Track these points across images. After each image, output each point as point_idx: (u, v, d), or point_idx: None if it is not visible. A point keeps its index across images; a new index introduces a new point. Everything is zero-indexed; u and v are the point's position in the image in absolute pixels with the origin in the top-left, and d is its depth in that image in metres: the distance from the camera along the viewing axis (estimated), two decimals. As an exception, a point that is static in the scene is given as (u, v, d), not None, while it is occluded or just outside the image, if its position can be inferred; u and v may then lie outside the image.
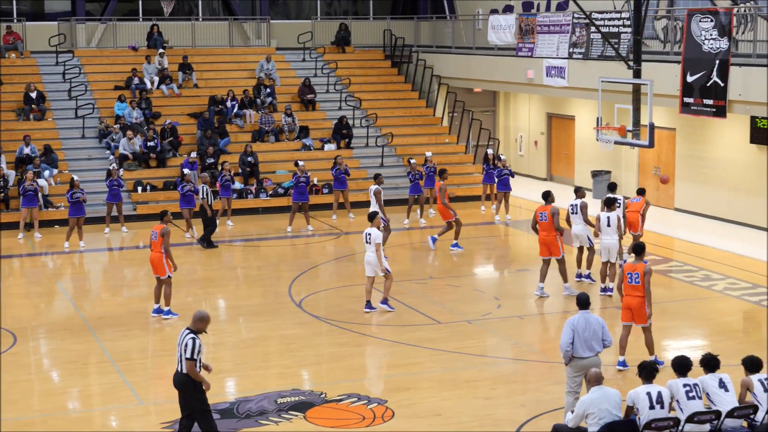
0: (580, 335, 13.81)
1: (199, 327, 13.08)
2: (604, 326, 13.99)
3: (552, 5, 36.08)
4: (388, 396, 15.50)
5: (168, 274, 19.90)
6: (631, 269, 16.51)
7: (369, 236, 20.08)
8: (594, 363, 13.74)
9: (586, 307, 14.12)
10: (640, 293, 16.47)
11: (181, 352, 12.88)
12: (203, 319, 13.11)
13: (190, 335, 12.94)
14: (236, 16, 40.67)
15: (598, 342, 13.89)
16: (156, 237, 19.88)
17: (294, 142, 34.52)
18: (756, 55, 25.09)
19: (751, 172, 27.84)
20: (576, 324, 13.87)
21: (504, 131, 39.69)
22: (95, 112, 34.07)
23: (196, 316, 13.14)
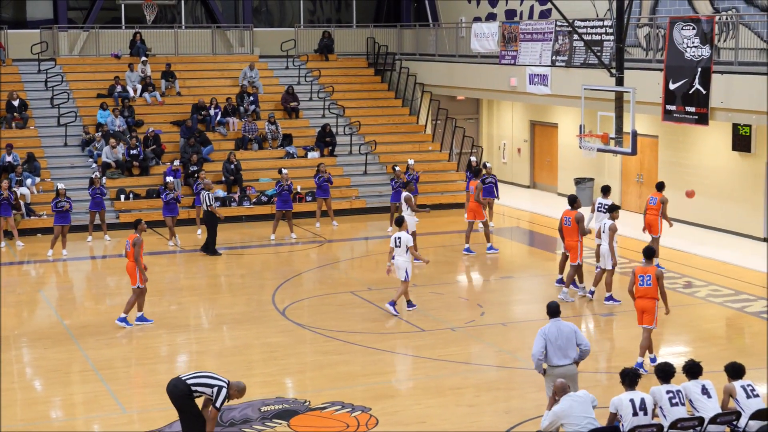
0: (553, 343, 13.75)
1: (232, 395, 13.15)
2: (577, 332, 13.89)
3: (535, 13, 36.17)
4: (371, 404, 15.49)
5: (138, 284, 19.85)
6: (643, 272, 16.86)
7: (399, 240, 20.48)
8: (570, 371, 13.77)
9: (556, 315, 14.04)
10: (652, 295, 16.84)
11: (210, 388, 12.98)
12: (240, 389, 13.22)
13: (225, 389, 13.02)
14: (219, 24, 40.65)
15: (572, 348, 13.84)
16: (129, 246, 19.90)
17: (277, 149, 34.50)
18: (738, 63, 25.19)
19: (733, 179, 27.95)
20: (548, 333, 13.79)
21: (487, 139, 39.75)
22: (78, 120, 33.98)
23: (236, 385, 13.22)
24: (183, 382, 13.09)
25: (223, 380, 13.11)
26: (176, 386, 13.10)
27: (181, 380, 13.13)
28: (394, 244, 20.57)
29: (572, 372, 13.77)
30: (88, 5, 40.31)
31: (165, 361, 18.42)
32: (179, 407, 13.20)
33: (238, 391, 13.18)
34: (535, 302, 22.50)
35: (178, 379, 13.19)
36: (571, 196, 21.70)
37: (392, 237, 20.73)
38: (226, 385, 13.04)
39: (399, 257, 20.52)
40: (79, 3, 40.87)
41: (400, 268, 20.52)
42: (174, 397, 13.14)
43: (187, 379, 13.13)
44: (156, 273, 25.28)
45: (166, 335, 19.76)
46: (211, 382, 13.03)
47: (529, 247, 27.76)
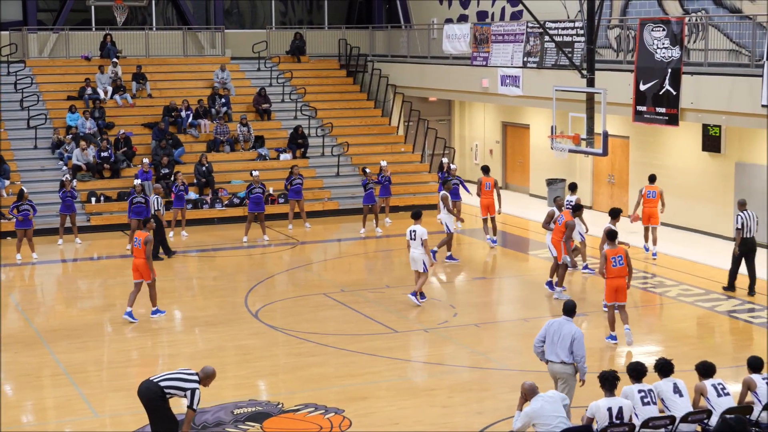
0: (550, 338, 14.04)
1: (204, 382, 13.18)
2: (576, 339, 13.88)
3: (506, 15, 36.26)
4: (345, 405, 15.48)
5: (153, 278, 20.71)
6: (614, 253, 18.22)
7: (414, 233, 21.05)
8: (557, 370, 13.92)
9: (567, 315, 14.27)
10: (625, 273, 18.27)
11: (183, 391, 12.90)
12: (209, 375, 13.24)
13: (198, 389, 12.97)
14: (190, 26, 40.54)
15: (564, 351, 13.91)
16: (139, 244, 20.48)
17: (249, 151, 34.44)
18: (707, 64, 25.34)
19: (703, 179, 28.10)
20: (550, 326, 14.12)
21: (459, 140, 39.81)
22: (48, 123, 33.81)
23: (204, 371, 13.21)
24: (155, 384, 13.00)
25: (196, 379, 13.01)
26: (148, 388, 13.01)
27: (153, 382, 13.03)
28: (409, 237, 21.21)
29: (561, 371, 13.91)
30: (57, 7, 40.13)
31: (137, 365, 18.35)
32: (151, 409, 13.08)
33: (208, 377, 13.16)
34: (508, 303, 22.60)
35: (150, 381, 13.09)
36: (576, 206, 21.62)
37: (408, 230, 21.32)
38: (198, 385, 12.97)
39: (415, 250, 21.14)
40: (48, 4, 40.67)
41: (417, 260, 21.17)
42: (146, 400, 13.04)
43: (159, 380, 13.03)
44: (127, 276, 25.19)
45: (138, 338, 19.69)
46: (183, 385, 12.92)
47: (501, 248, 27.81)
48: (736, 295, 21.95)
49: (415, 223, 21.29)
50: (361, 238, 29.29)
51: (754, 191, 26.57)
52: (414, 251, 21.20)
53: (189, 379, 13.01)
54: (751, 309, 20.99)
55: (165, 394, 12.96)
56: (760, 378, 13.23)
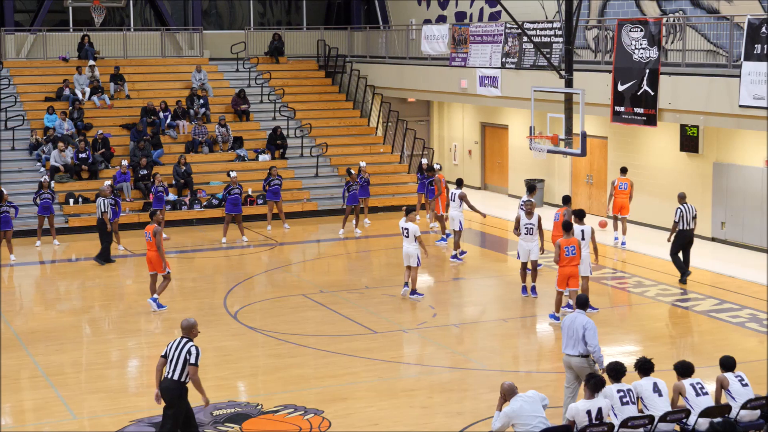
0: (566, 331, 14.30)
1: (192, 333, 13.48)
2: (588, 330, 14.06)
3: (485, 15, 36.32)
4: (324, 406, 15.48)
5: (167, 270, 21.22)
6: (567, 243, 19.29)
7: (407, 231, 21.72)
8: (574, 363, 14.13)
9: (581, 308, 14.53)
10: (577, 262, 19.33)
11: (182, 358, 13.14)
12: (194, 325, 13.55)
13: (190, 343, 13.30)
14: (168, 27, 40.43)
15: (578, 342, 14.12)
16: (150, 237, 21.05)
17: (228, 152, 34.37)
18: (685, 64, 25.44)
19: (681, 179, 28.20)
20: (565, 320, 14.41)
21: (438, 141, 39.85)
22: (25, 124, 33.67)
23: (186, 325, 13.55)
24: (174, 381, 13.11)
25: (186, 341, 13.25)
26: (168, 388, 13.12)
27: (171, 380, 13.13)
28: (403, 234, 21.81)
29: (577, 364, 14.10)
30: (35, 7, 39.97)
31: (115, 366, 18.29)
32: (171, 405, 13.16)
33: (190, 328, 13.49)
34: (487, 303, 22.62)
35: (166, 379, 13.18)
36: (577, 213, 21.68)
37: (400, 226, 21.91)
38: (191, 342, 13.29)
39: (408, 245, 21.71)
40: (26, 5, 40.51)
41: (411, 256, 21.74)
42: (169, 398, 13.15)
43: (172, 375, 13.12)
44: (105, 278, 25.14)
45: (116, 340, 19.64)
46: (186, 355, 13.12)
47: (480, 248, 27.86)
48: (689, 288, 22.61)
49: (407, 221, 21.78)
50: (341, 239, 29.27)
51: (732, 191, 26.71)
52: (408, 247, 21.74)
53: (185, 346, 13.21)
54: (730, 309, 21.08)
55: (183, 384, 13.12)
56: (732, 376, 13.32)
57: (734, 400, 13.10)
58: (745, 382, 13.29)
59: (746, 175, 26.31)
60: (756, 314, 20.58)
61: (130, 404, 15.89)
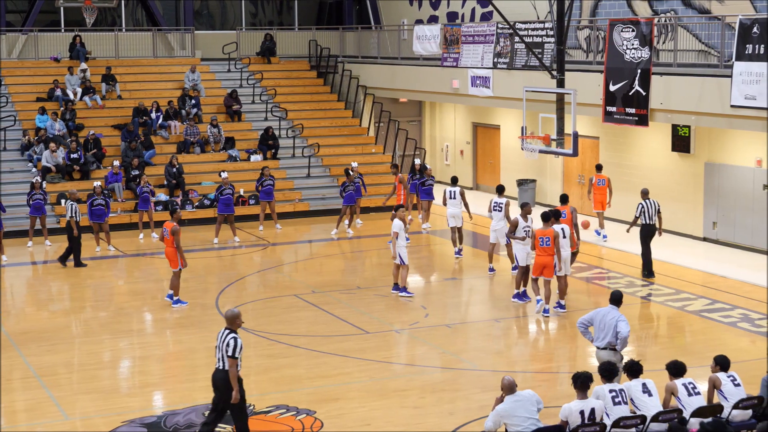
0: (597, 325, 14.72)
1: (235, 324, 13.53)
2: (619, 321, 14.50)
3: (476, 15, 36.34)
4: (316, 407, 15.47)
5: (179, 267, 21.42)
6: (543, 234, 20.15)
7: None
8: (604, 357, 14.38)
9: (614, 304, 14.85)
10: (551, 253, 20.10)
11: (224, 350, 13.27)
12: (236, 316, 13.58)
13: (231, 335, 13.36)
14: (160, 27, 40.40)
15: (610, 334, 14.54)
16: (167, 234, 21.31)
17: (220, 153, 34.35)
18: (677, 65, 25.48)
19: (673, 179, 28.25)
20: (597, 314, 14.83)
21: (430, 141, 39.86)
22: (17, 125, 33.62)
23: (229, 315, 13.60)
24: (224, 371, 13.33)
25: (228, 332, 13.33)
26: (220, 378, 13.39)
27: (221, 371, 13.36)
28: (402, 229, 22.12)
29: (605, 357, 14.38)
30: (26, 8, 39.91)
31: (108, 367, 18.27)
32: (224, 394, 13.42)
33: (234, 318, 13.53)
34: (479, 303, 22.64)
35: (219, 371, 13.39)
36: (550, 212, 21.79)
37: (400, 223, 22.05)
38: (233, 334, 13.35)
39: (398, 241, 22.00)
40: (17, 5, 40.46)
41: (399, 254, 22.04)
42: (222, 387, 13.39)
43: (222, 366, 13.34)
44: (97, 278, 25.13)
45: (108, 340, 19.61)
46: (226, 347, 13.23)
47: (472, 248, 27.86)
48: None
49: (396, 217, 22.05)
50: (333, 240, 29.26)
51: (724, 191, 26.75)
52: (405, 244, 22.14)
53: (225, 337, 13.31)
54: (721, 309, 21.11)
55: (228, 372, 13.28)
56: (725, 376, 13.35)
57: (726, 400, 13.12)
58: (738, 382, 13.31)
59: (738, 175, 26.36)
60: (748, 314, 20.62)
61: (123, 405, 15.86)
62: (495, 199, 24.26)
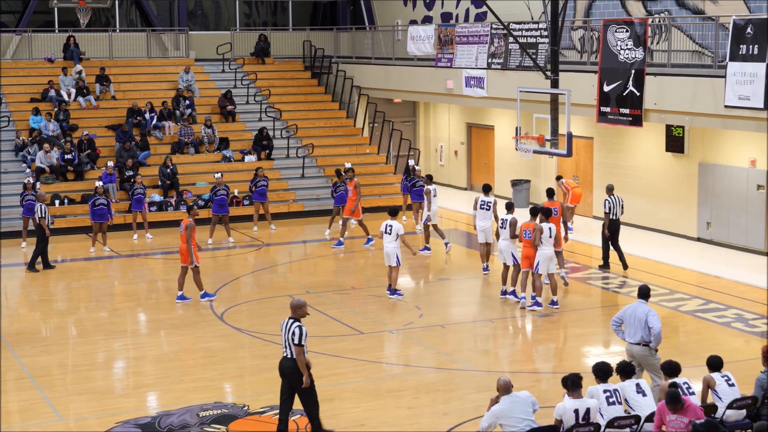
0: (628, 321, 14.92)
1: (299, 314, 13.88)
2: (649, 315, 14.71)
3: (470, 16, 36.35)
4: (311, 407, 15.45)
5: (195, 263, 21.72)
6: (526, 227, 20.87)
7: (390, 228, 21.93)
8: (635, 351, 14.67)
9: (642, 298, 15.10)
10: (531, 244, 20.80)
11: (289, 339, 13.65)
12: (301, 305, 13.93)
13: (296, 324, 13.71)
14: (154, 28, 40.36)
15: (641, 330, 14.71)
16: (182, 230, 21.64)
17: (214, 153, 34.32)
18: (671, 65, 25.49)
19: (667, 179, 28.28)
20: (626, 310, 15.04)
21: (424, 141, 39.87)
22: (11, 125, 33.57)
23: (294, 305, 13.95)
24: (291, 360, 13.70)
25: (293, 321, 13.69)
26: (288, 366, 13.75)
27: (288, 359, 13.74)
28: (384, 230, 21.93)
29: (639, 352, 14.65)
30: (20, 8, 39.85)
31: (101, 368, 18.25)
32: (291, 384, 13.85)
33: (299, 307, 13.89)
34: (473, 304, 22.64)
35: (286, 359, 13.77)
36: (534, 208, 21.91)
37: (383, 224, 22.02)
38: (298, 322, 13.70)
39: (388, 244, 21.85)
40: (11, 6, 40.40)
41: (391, 255, 21.90)
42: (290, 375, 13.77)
43: (289, 355, 13.71)
44: (91, 279, 25.11)
45: (102, 341, 19.59)
46: (293, 337, 13.57)
47: (466, 248, 27.87)
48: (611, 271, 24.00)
49: (392, 219, 22.00)
50: (327, 240, 29.24)
51: (718, 191, 26.78)
52: (387, 246, 21.85)
53: (291, 326, 13.68)
54: (716, 309, 21.14)
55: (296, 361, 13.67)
56: (719, 376, 13.37)
57: (721, 400, 13.13)
58: (732, 382, 13.33)
59: (732, 175, 26.39)
60: (742, 314, 20.65)
61: (117, 405, 15.85)
62: (481, 197, 24.29)
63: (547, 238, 20.68)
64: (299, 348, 13.57)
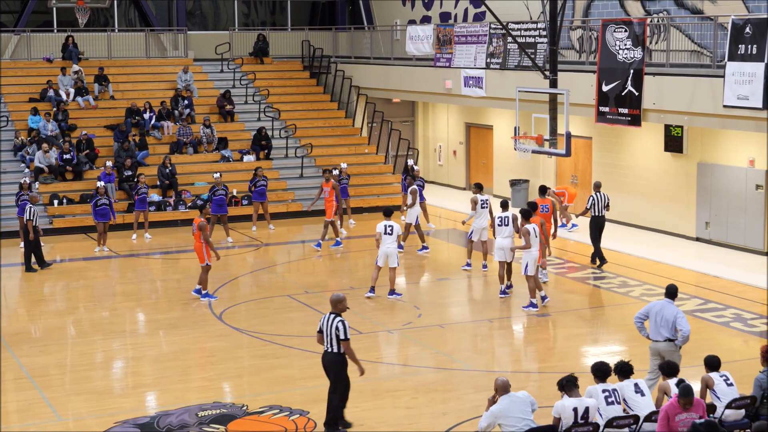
0: (653, 318, 14.99)
1: (340, 308, 14.28)
2: (678, 316, 14.82)
3: (469, 16, 36.35)
4: (309, 407, 15.46)
5: (207, 262, 21.88)
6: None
7: (391, 228, 21.82)
8: (661, 348, 14.80)
9: (669, 297, 15.18)
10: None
11: (333, 334, 14.08)
12: (341, 300, 14.33)
13: (338, 319, 14.14)
14: (153, 27, 40.35)
15: (667, 329, 14.81)
16: (195, 229, 21.79)
17: (213, 153, 34.32)
18: (669, 65, 25.49)
19: (666, 179, 28.28)
20: (652, 306, 15.15)
21: (423, 141, 39.87)
22: (10, 125, 33.56)
23: (334, 299, 14.35)
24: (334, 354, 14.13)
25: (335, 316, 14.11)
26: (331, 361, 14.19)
27: (331, 353, 14.15)
28: (384, 232, 21.79)
29: (665, 349, 14.80)
30: (19, 8, 39.84)
31: (100, 368, 18.25)
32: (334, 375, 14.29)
33: (339, 302, 14.29)
34: (472, 303, 22.65)
35: (329, 353, 14.18)
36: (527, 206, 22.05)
37: (383, 225, 21.86)
38: (340, 317, 14.14)
39: (391, 245, 21.80)
40: (9, 6, 40.39)
41: (392, 255, 21.84)
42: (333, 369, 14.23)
43: (331, 349, 14.14)
44: (90, 279, 25.10)
45: (101, 341, 19.58)
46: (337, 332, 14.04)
47: (465, 248, 27.84)
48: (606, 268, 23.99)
49: (389, 219, 21.94)
50: (326, 240, 29.20)
51: (716, 191, 26.77)
52: (389, 246, 21.80)
53: (333, 322, 14.10)
54: (714, 309, 21.14)
55: (342, 355, 14.14)
56: (717, 375, 13.37)
57: (719, 399, 13.14)
58: (730, 382, 13.33)
59: (730, 175, 26.39)
60: (740, 314, 20.65)
61: (116, 405, 15.85)
62: (479, 196, 24.66)
63: (534, 239, 20.73)
64: (346, 342, 14.04)
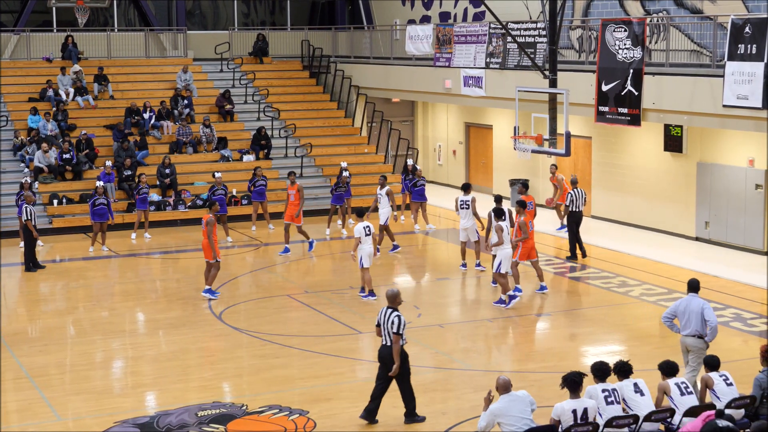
0: (681, 314, 15.24)
1: (396, 303, 14.71)
2: (705, 309, 15.10)
3: (469, 15, 36.34)
4: (309, 407, 15.47)
5: (216, 258, 21.99)
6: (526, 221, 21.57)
7: (369, 229, 21.83)
8: (689, 343, 15.08)
9: (693, 291, 15.36)
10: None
11: (389, 327, 14.49)
12: (396, 295, 14.75)
13: (395, 313, 14.55)
14: (152, 27, 40.34)
15: (697, 322, 15.06)
16: (204, 225, 21.93)
17: (212, 153, 34.32)
18: (669, 64, 25.49)
19: (665, 179, 28.27)
20: (679, 305, 15.35)
21: (423, 141, 39.86)
22: (9, 125, 33.56)
23: (390, 295, 14.76)
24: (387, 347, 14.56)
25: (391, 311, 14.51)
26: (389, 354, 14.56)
27: (388, 347, 14.55)
28: (365, 232, 21.68)
29: (693, 344, 15.06)
30: (18, 8, 39.83)
31: (100, 368, 18.25)
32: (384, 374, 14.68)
33: (394, 298, 14.70)
34: (472, 303, 22.64)
35: (383, 346, 14.63)
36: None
37: (362, 227, 21.68)
38: (396, 312, 14.54)
39: (370, 246, 21.92)
40: (9, 5, 40.38)
41: (370, 257, 21.93)
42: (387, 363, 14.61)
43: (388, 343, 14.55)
44: (89, 278, 25.10)
45: (101, 341, 19.58)
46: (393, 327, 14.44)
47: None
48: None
49: (364, 220, 21.90)
50: (325, 239, 29.23)
51: (716, 191, 26.78)
52: (370, 247, 21.87)
53: (389, 316, 14.53)
54: (714, 308, 21.07)
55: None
56: (717, 375, 13.38)
57: (719, 399, 13.14)
58: (730, 382, 13.34)
59: (730, 174, 26.39)
60: (740, 313, 20.65)
61: (115, 405, 15.85)
62: (461, 197, 24.67)
63: (506, 236, 20.94)
64: (397, 336, 14.36)
